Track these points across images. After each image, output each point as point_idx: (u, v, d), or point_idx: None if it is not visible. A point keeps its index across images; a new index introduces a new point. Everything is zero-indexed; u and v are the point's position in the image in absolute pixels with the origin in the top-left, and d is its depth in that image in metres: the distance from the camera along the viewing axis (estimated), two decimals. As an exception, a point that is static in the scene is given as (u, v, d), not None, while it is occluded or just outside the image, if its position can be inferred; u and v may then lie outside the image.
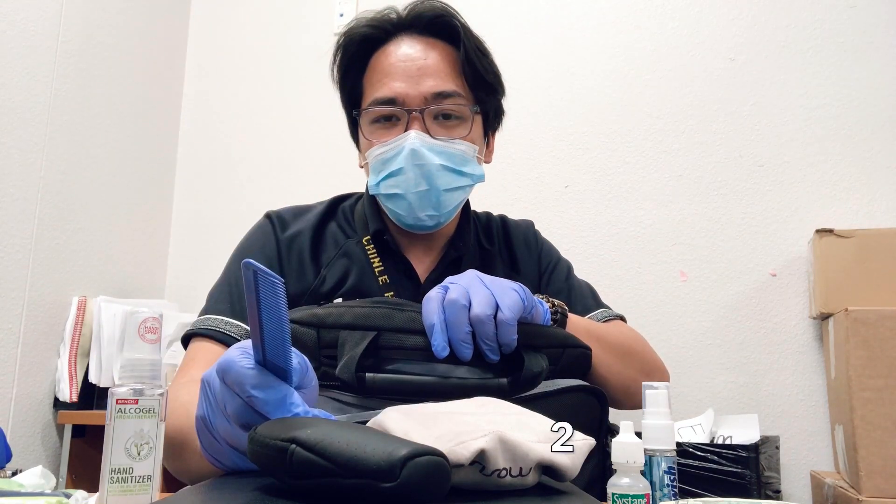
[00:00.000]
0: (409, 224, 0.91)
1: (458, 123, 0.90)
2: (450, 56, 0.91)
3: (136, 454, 0.52)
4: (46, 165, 1.73)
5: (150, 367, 0.56)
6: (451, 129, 0.89)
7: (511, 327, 0.66)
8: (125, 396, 0.53)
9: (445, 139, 0.88)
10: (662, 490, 0.50)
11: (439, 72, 0.89)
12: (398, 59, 0.89)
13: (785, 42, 1.75)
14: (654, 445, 0.52)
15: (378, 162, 0.89)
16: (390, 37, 0.91)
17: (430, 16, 0.91)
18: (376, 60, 0.92)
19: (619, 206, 1.80)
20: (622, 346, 0.90)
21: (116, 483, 0.52)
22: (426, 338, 0.66)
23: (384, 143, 0.88)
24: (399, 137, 0.87)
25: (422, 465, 0.42)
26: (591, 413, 0.71)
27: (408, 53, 0.89)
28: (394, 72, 0.88)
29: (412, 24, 0.91)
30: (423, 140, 0.86)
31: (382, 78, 0.89)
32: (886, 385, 1.22)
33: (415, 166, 0.85)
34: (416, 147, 0.85)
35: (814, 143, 1.69)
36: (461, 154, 0.89)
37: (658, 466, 0.51)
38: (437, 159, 0.86)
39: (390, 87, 0.88)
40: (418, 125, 0.87)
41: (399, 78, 0.88)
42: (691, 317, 1.70)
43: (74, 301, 1.77)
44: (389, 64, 0.89)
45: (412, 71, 0.88)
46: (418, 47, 0.90)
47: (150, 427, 0.53)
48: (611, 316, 1.00)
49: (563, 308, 0.82)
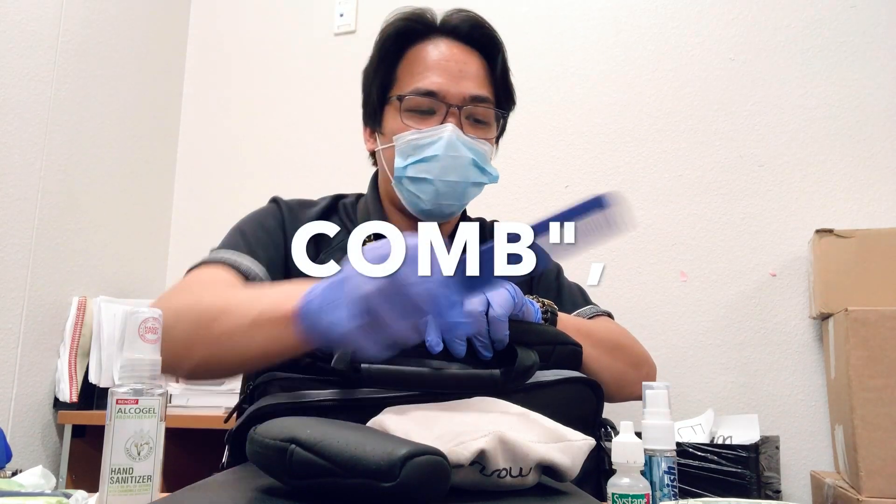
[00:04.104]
0: (427, 210, 0.95)
1: (487, 127, 0.97)
2: (483, 66, 0.98)
3: (136, 454, 0.52)
4: (46, 165, 1.73)
5: (150, 367, 0.56)
6: (480, 130, 0.96)
7: (502, 323, 0.69)
8: (125, 396, 0.53)
9: (475, 138, 0.95)
10: (662, 490, 0.50)
11: (477, 77, 0.96)
12: (441, 56, 0.95)
13: (785, 42, 1.75)
14: (654, 445, 0.52)
15: (409, 146, 0.93)
16: (430, 35, 0.97)
17: (472, 25, 0.98)
18: (415, 53, 0.97)
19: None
20: (611, 341, 0.93)
21: (116, 483, 0.52)
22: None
23: (419, 131, 0.93)
24: (437, 128, 0.93)
25: (421, 465, 0.42)
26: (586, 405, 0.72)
27: (450, 53, 0.96)
28: (437, 67, 0.94)
29: (453, 31, 0.98)
30: (459, 134, 0.92)
31: (424, 71, 0.95)
32: (886, 385, 1.22)
33: (450, 157, 0.91)
34: (454, 140, 0.91)
35: (814, 143, 1.69)
36: (486, 153, 0.96)
37: (658, 466, 0.51)
38: (469, 154, 0.93)
39: (432, 80, 0.93)
40: (454, 120, 0.93)
41: (441, 74, 0.94)
42: (691, 317, 1.70)
43: (74, 301, 1.76)
44: (432, 59, 0.95)
45: (454, 70, 0.94)
46: (457, 51, 0.96)
47: (150, 427, 0.53)
48: (598, 312, 1.03)
49: (553, 307, 0.85)
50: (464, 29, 0.97)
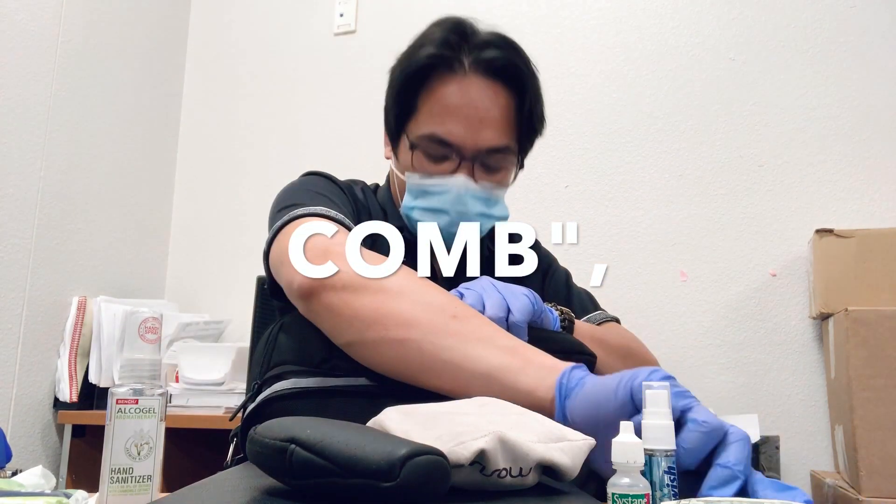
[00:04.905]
0: None
1: (502, 174, 0.94)
2: (509, 106, 0.93)
3: (136, 454, 0.52)
4: (46, 165, 1.73)
5: (150, 367, 0.56)
6: (495, 175, 0.93)
7: (521, 329, 0.70)
8: (125, 396, 0.53)
9: (487, 184, 0.92)
10: (662, 490, 0.50)
11: (497, 125, 0.91)
12: (462, 101, 0.90)
13: (785, 42, 1.75)
14: (654, 445, 0.52)
15: (418, 189, 0.92)
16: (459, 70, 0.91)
17: (505, 63, 0.93)
18: (440, 89, 0.91)
19: (619, 206, 1.80)
20: (623, 348, 0.93)
21: (116, 483, 0.52)
22: None
23: (429, 176, 0.91)
24: (447, 178, 0.90)
25: (421, 465, 0.42)
26: None
27: (472, 99, 0.90)
28: (456, 114, 0.90)
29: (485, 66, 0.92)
30: (468, 187, 0.90)
31: (443, 114, 0.90)
32: (886, 385, 1.22)
33: (457, 211, 0.90)
34: (463, 194, 0.89)
35: (814, 143, 1.69)
36: (497, 198, 0.94)
37: (658, 466, 0.51)
38: (476, 206, 0.91)
39: (449, 129, 0.90)
40: (467, 171, 0.90)
41: (461, 122, 0.90)
42: (691, 317, 1.70)
43: (74, 301, 1.76)
44: (454, 104, 0.90)
45: (473, 120, 0.90)
46: (483, 94, 0.91)
47: (150, 427, 0.53)
48: (607, 318, 1.04)
49: (570, 315, 0.85)
50: (497, 65, 0.92)
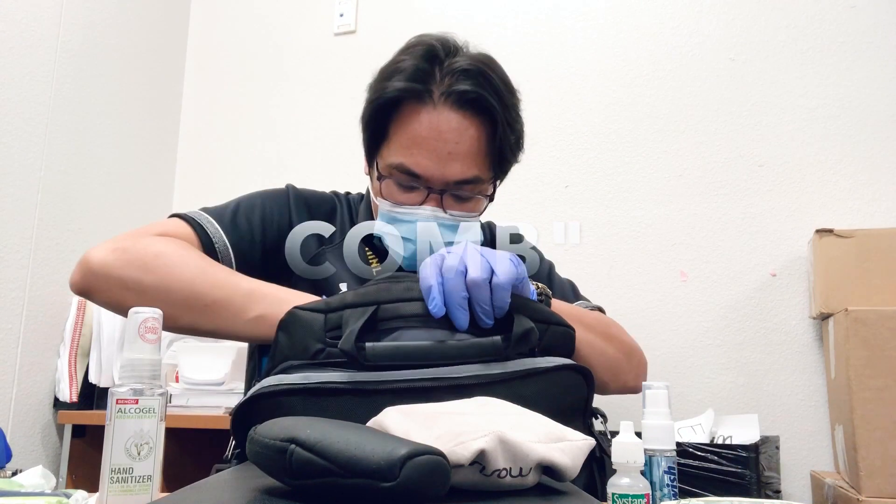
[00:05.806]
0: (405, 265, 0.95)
1: (473, 203, 0.95)
2: (480, 137, 0.92)
3: (136, 454, 0.52)
4: (46, 165, 1.73)
5: (150, 367, 0.56)
6: (465, 205, 0.94)
7: (505, 290, 0.69)
8: (125, 396, 0.53)
9: (457, 214, 0.93)
10: (662, 490, 0.50)
11: (467, 157, 0.91)
12: (430, 134, 0.90)
13: (785, 42, 1.75)
14: (654, 445, 0.52)
15: (388, 215, 0.93)
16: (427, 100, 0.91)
17: (473, 95, 0.90)
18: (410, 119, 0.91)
19: (619, 206, 1.80)
20: (603, 329, 0.94)
21: (116, 483, 0.52)
22: (423, 303, 0.69)
23: (398, 205, 0.92)
24: (414, 209, 0.91)
25: (421, 465, 0.42)
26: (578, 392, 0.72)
27: (441, 132, 0.90)
28: (424, 146, 0.90)
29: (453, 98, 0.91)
30: (437, 216, 0.91)
31: (411, 146, 0.90)
32: (886, 385, 1.22)
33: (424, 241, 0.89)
34: (430, 225, 0.89)
35: (814, 143, 1.69)
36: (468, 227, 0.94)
37: (658, 466, 0.51)
38: (446, 236, 0.90)
39: (418, 162, 0.90)
40: (434, 202, 0.91)
41: (428, 155, 0.90)
42: (691, 317, 1.70)
43: (74, 301, 1.77)
44: (421, 136, 0.90)
45: (442, 153, 0.90)
46: (452, 127, 0.90)
47: (150, 427, 0.53)
48: (590, 306, 1.04)
49: (547, 291, 0.86)
50: (468, 98, 0.90)
